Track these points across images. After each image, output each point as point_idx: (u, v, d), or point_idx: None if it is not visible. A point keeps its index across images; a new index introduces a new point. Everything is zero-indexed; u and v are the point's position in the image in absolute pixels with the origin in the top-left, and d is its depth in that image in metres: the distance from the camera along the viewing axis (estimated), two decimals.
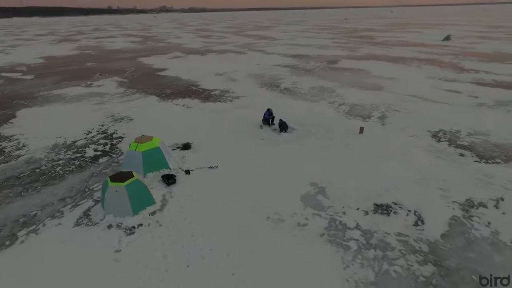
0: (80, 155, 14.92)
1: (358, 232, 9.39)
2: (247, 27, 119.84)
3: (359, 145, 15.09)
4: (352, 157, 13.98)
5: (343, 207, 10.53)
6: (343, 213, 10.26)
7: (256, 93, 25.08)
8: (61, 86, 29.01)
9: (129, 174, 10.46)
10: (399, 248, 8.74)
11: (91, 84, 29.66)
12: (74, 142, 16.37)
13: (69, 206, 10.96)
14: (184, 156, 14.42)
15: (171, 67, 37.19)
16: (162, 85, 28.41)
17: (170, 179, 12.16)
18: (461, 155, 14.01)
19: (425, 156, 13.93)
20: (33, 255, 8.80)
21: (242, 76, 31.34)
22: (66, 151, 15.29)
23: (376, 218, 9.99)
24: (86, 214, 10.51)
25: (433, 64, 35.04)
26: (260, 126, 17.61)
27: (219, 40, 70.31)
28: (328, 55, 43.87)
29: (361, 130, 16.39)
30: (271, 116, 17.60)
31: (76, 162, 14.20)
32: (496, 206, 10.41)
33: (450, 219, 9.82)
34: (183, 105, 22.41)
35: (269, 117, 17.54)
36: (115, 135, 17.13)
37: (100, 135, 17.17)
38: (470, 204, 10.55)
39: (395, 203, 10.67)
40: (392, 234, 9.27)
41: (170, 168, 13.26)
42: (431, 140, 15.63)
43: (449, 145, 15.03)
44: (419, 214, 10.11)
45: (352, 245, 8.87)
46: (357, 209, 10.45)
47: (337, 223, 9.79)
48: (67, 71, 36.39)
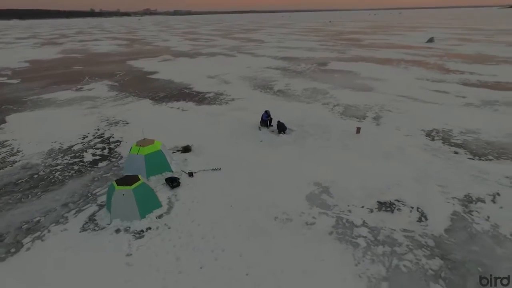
0: (78, 159, 14.68)
1: (365, 229, 9.62)
2: (234, 29, 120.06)
3: (357, 145, 15.41)
4: (351, 156, 14.27)
5: (348, 206, 10.76)
6: (349, 211, 10.48)
7: (250, 95, 25.22)
8: (50, 90, 28.38)
9: (135, 178, 10.40)
10: (406, 243, 9.01)
11: (81, 88, 29.14)
12: (71, 146, 16.09)
13: (73, 211, 10.79)
14: (186, 159, 14.40)
15: (162, 70, 36.93)
16: (155, 89, 28.19)
17: (174, 182, 12.13)
18: (456, 153, 14.51)
19: (421, 155, 14.35)
20: (42, 261, 8.64)
21: (234, 79, 31.42)
22: (63, 156, 15.02)
23: (381, 215, 10.26)
24: (92, 219, 10.37)
25: (420, 66, 36.03)
26: (258, 128, 17.74)
27: (207, 43, 70.19)
28: (317, 57, 44.47)
29: (358, 130, 16.74)
30: (269, 118, 17.76)
31: (75, 167, 13.96)
32: (493, 201, 10.86)
33: (452, 215, 10.18)
34: (178, 108, 22.31)
35: (267, 119, 17.69)
36: (112, 139, 16.92)
37: (97, 139, 16.93)
38: (469, 199, 10.96)
39: (397, 201, 10.98)
40: (398, 230, 9.55)
41: (172, 171, 13.22)
42: (425, 139, 16.11)
43: (443, 143, 15.53)
44: (421, 210, 10.43)
45: (361, 242, 9.09)
46: (362, 207, 10.70)
47: (344, 221, 10.01)
48: (55, 75, 35.62)
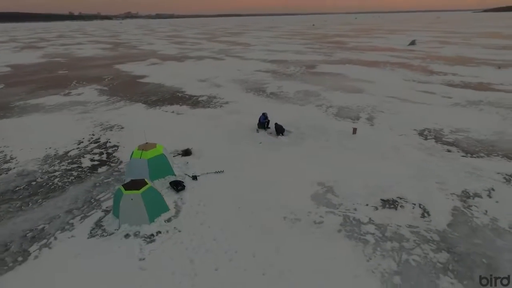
0: (76, 165, 14.41)
1: (372, 226, 9.90)
2: (219, 33, 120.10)
3: (355, 145, 15.78)
4: (350, 156, 14.62)
5: (353, 204, 11.03)
6: (355, 209, 10.75)
7: (244, 98, 25.36)
8: (37, 95, 27.64)
9: (142, 182, 10.34)
10: (413, 238, 9.33)
11: (70, 92, 28.53)
12: (67, 152, 15.77)
13: (78, 217, 10.61)
14: (187, 162, 14.37)
15: (151, 74, 36.59)
16: (146, 92, 27.92)
17: (179, 186, 12.10)
18: (449, 151, 15.09)
19: (417, 153, 14.85)
20: (52, 269, 8.47)
21: (225, 82, 31.50)
22: (60, 162, 14.70)
23: (386, 213, 10.57)
24: (99, 224, 10.23)
25: (405, 67, 37.14)
26: (256, 130, 17.89)
27: (194, 46, 69.96)
28: (306, 60, 45.11)
29: (354, 131, 17.15)
30: (267, 120, 17.94)
31: (74, 173, 13.71)
32: (489, 196, 11.37)
33: (452, 210, 10.60)
34: (172, 112, 22.20)
35: (264, 121, 17.86)
36: (109, 144, 16.68)
37: (93, 145, 16.65)
38: (467, 195, 11.44)
39: (400, 198, 11.34)
40: (404, 226, 9.87)
41: (175, 175, 13.18)
42: (419, 138, 16.67)
43: (436, 142, 16.11)
44: (423, 206, 10.82)
45: (370, 239, 9.35)
46: (366, 205, 10.99)
47: (351, 219, 10.26)
48: (40, 80, 34.71)
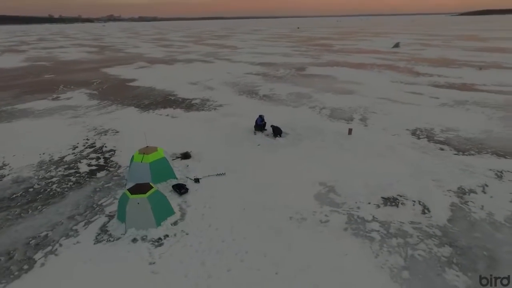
0: (73, 171, 14.15)
1: (376, 224, 10.16)
2: (204, 36, 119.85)
3: (351, 145, 16.12)
4: (348, 156, 14.93)
5: (355, 203, 11.30)
6: (358, 208, 11.01)
7: (237, 100, 25.45)
8: (23, 100, 26.90)
9: (147, 186, 10.29)
10: (416, 234, 9.64)
11: (58, 97, 27.90)
12: (62, 158, 15.46)
13: (82, 223, 10.44)
14: (187, 165, 14.35)
15: (141, 77, 36.20)
16: (138, 96, 27.62)
17: (182, 189, 12.08)
18: (441, 149, 15.62)
19: (411, 152, 15.30)
20: (60, 276, 8.32)
21: (217, 85, 31.52)
22: (56, 168, 14.40)
23: (388, 210, 10.88)
24: (104, 230, 10.11)
25: (391, 69, 38.10)
26: (254, 132, 18.01)
27: (181, 49, 69.57)
28: (294, 62, 45.61)
29: (350, 131, 17.51)
30: (263, 122, 18.09)
31: (72, 179, 13.46)
32: (484, 191, 11.86)
33: (450, 206, 11.01)
34: (167, 115, 22.07)
35: (261, 123, 18.00)
36: (105, 149, 16.45)
37: (89, 149, 16.38)
38: (462, 191, 11.90)
39: (400, 196, 11.69)
40: (406, 223, 10.19)
41: (177, 178, 13.14)
42: (412, 137, 17.18)
43: (428, 141, 16.64)
44: (423, 203, 11.18)
45: (375, 236, 9.61)
46: (369, 203, 11.27)
47: (355, 217, 10.51)
48: (25, 84, 33.77)
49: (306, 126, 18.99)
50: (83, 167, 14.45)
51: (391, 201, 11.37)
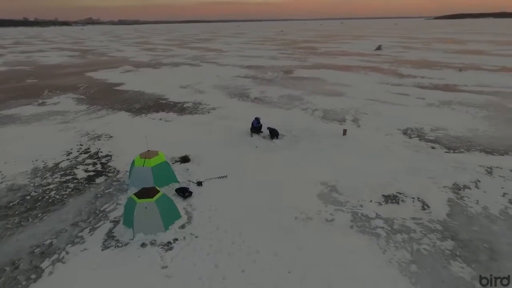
0: (71, 177, 13.85)
1: (380, 221, 10.48)
2: (188, 39, 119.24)
3: (347, 146, 16.51)
4: (345, 156, 15.28)
5: (358, 201, 11.60)
6: (361, 206, 11.32)
7: (230, 103, 25.53)
8: (8, 105, 26.04)
9: (154, 190, 10.25)
10: (419, 229, 10.01)
11: (44, 102, 27.15)
12: (57, 164, 15.10)
13: (87, 230, 10.27)
14: (188, 169, 14.32)
15: (128, 81, 35.68)
16: (128, 100, 27.24)
17: (186, 192, 12.06)
18: (433, 148, 16.22)
19: (405, 151, 15.82)
20: (70, 284, 8.18)
21: (207, 88, 31.48)
22: (52, 175, 14.06)
23: (390, 207, 11.24)
24: (110, 236, 9.98)
25: (377, 71, 39.13)
26: (250, 134, 18.14)
27: (166, 53, 68.97)
28: (281, 65, 46.09)
29: (344, 132, 17.91)
30: (259, 124, 18.25)
31: (70, 185, 13.18)
32: (477, 187, 12.43)
33: (448, 201, 11.48)
34: (160, 119, 21.89)
35: (257, 125, 18.16)
36: (101, 154, 16.17)
37: (84, 155, 16.07)
38: (457, 187, 12.42)
39: (399, 193, 12.08)
40: (408, 219, 10.56)
41: (179, 182, 13.10)
42: (404, 137, 17.75)
43: (419, 140, 17.24)
44: (422, 200, 11.61)
45: (381, 232, 9.91)
46: (370, 201, 11.61)
47: (359, 215, 10.80)
48: (7, 89, 32.68)
49: (301, 127, 19.28)
50: (81, 173, 14.17)
51: (391, 199, 11.74)
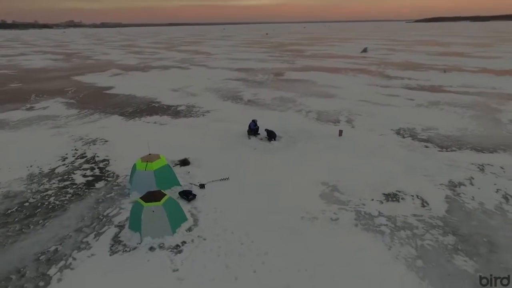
0: (69, 182, 13.61)
1: (383, 218, 10.76)
2: (175, 42, 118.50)
3: (344, 146, 16.83)
4: (343, 156, 15.57)
5: (360, 200, 11.87)
6: (363, 204, 11.58)
7: (223, 106, 25.57)
8: None
9: (160, 193, 10.22)
10: (421, 226, 10.33)
11: (32, 107, 26.49)
12: (53, 169, 14.79)
13: (92, 235, 10.13)
14: (188, 172, 14.30)
15: (118, 85, 35.19)
16: (119, 104, 26.89)
17: (189, 195, 12.05)
18: (426, 147, 16.73)
19: (400, 151, 16.26)
20: None
21: (199, 91, 31.41)
22: (49, 180, 13.77)
23: (391, 205, 11.54)
24: (117, 240, 9.88)
25: (365, 73, 39.94)
26: (248, 136, 18.23)
27: (154, 56, 68.34)
28: (271, 67, 46.43)
29: (340, 133, 18.24)
30: (256, 126, 18.37)
31: (70, 190, 12.95)
32: (472, 184, 12.91)
33: (446, 198, 11.89)
34: (154, 123, 21.72)
35: (255, 128, 18.28)
36: (97, 159, 15.94)
37: (80, 160, 15.80)
38: (453, 184, 12.87)
39: (398, 191, 12.42)
40: (410, 216, 10.88)
41: (181, 185, 13.07)
42: (397, 137, 18.23)
43: (412, 140, 17.74)
44: (421, 197, 11.98)
45: (385, 230, 10.18)
46: (372, 199, 11.89)
47: (362, 213, 11.05)
48: None
49: (297, 129, 19.51)
50: (79, 178, 13.93)
51: (392, 197, 12.06)
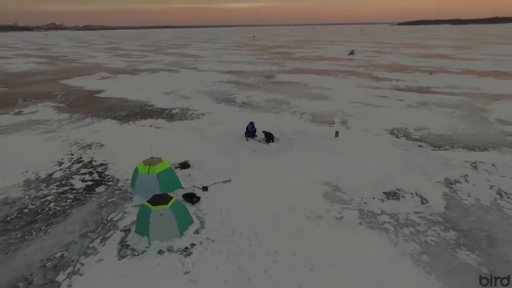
0: (68, 187, 13.38)
1: (386, 216, 11.04)
2: (162, 45, 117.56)
3: (341, 146, 17.14)
4: (342, 157, 15.86)
5: (362, 199, 12.14)
6: (365, 203, 11.85)
7: (217, 109, 25.59)
8: None
9: (167, 196, 10.21)
10: (423, 222, 10.66)
11: (21, 111, 25.84)
12: (50, 175, 14.51)
13: (97, 240, 10.01)
14: (190, 175, 14.28)
15: (108, 88, 34.70)
16: (111, 107, 26.54)
17: (193, 197, 12.06)
18: (420, 146, 17.22)
19: (395, 150, 16.68)
20: None
21: (192, 94, 31.32)
22: (47, 186, 13.50)
23: (392, 203, 11.85)
24: (124, 245, 9.80)
25: (354, 75, 40.67)
26: (245, 139, 18.33)
27: (142, 59, 67.63)
28: (261, 70, 46.69)
29: (336, 134, 18.56)
30: (254, 128, 18.49)
31: (70, 196, 12.74)
32: (466, 181, 13.38)
33: (443, 195, 12.28)
34: (150, 126, 21.56)
35: (252, 130, 18.39)
36: (95, 163, 15.72)
37: (77, 165, 15.54)
38: (449, 182, 13.31)
39: (398, 189, 12.76)
40: (411, 213, 11.20)
41: (183, 188, 13.05)
42: (391, 137, 18.68)
43: (406, 139, 18.22)
44: (420, 195, 12.34)
45: (389, 227, 10.45)
46: (373, 198, 12.18)
47: (365, 212, 11.31)
48: None
49: (293, 130, 19.73)
50: (78, 183, 13.72)
51: (392, 195, 12.38)
